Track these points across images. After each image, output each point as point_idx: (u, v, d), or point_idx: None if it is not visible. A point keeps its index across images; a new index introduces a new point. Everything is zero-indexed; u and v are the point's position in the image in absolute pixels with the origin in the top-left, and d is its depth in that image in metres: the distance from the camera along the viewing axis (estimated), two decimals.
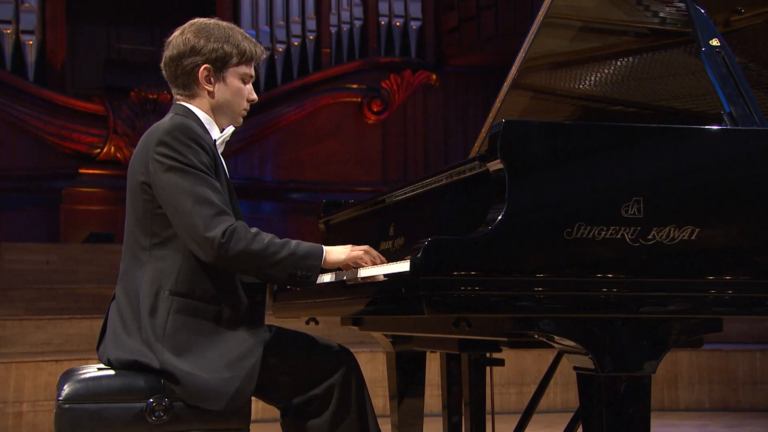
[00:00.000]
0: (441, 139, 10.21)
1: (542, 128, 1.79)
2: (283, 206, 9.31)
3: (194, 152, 1.90)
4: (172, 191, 1.87)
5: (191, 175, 1.87)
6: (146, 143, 1.96)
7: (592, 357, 1.81)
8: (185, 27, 2.06)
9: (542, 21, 2.46)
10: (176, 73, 2.04)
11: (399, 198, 2.33)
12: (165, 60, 2.05)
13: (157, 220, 1.93)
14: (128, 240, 2.00)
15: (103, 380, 1.91)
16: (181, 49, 2.02)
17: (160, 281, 1.92)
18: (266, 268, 1.89)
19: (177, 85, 2.06)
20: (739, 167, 1.86)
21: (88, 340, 5.61)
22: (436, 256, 1.69)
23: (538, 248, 1.73)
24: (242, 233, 1.86)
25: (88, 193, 8.69)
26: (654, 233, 1.76)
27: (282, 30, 9.67)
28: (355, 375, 2.12)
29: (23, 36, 8.81)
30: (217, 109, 2.06)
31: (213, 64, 2.02)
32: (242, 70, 2.06)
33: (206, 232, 1.83)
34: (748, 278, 1.81)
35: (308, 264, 1.93)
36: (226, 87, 2.05)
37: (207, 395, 1.88)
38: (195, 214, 1.84)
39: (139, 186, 1.94)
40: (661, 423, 4.92)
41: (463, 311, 1.75)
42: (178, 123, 1.94)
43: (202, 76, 2.03)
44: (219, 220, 1.85)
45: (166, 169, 1.88)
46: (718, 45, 2.11)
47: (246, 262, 1.87)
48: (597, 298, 1.75)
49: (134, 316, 1.93)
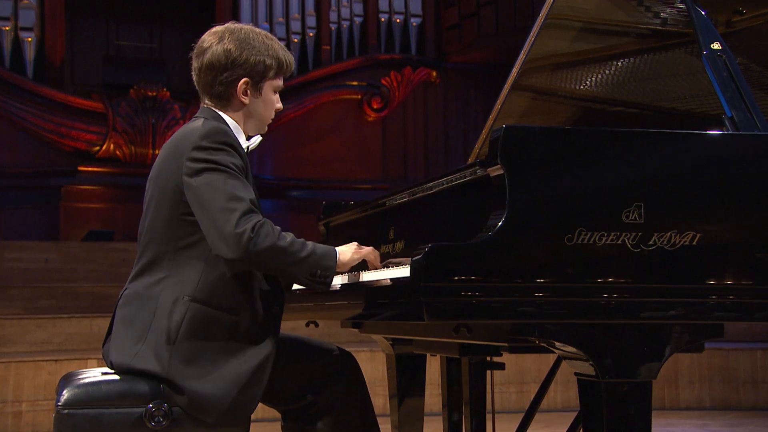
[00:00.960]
0: (441, 136, 10.18)
1: (543, 134, 1.79)
2: (283, 204, 9.30)
3: (227, 153, 1.90)
4: (203, 189, 1.86)
5: (223, 174, 1.87)
6: (180, 147, 1.94)
7: (593, 363, 1.80)
8: (224, 34, 2.03)
9: (543, 22, 2.45)
10: (213, 82, 2.02)
11: (399, 201, 2.33)
12: (201, 66, 2.02)
13: (183, 225, 1.92)
14: (149, 242, 1.98)
15: (102, 385, 1.90)
16: (222, 60, 1.99)
17: (180, 286, 1.91)
18: (290, 265, 1.87)
19: (211, 94, 2.04)
20: (740, 172, 1.85)
21: (87, 340, 5.60)
22: (437, 262, 1.68)
23: (539, 254, 1.73)
24: (269, 229, 1.85)
25: (87, 190, 8.67)
26: (655, 239, 1.75)
27: (281, 27, 9.64)
28: (357, 378, 2.13)
29: (22, 33, 8.78)
30: (248, 118, 2.07)
31: (252, 78, 2.02)
32: (277, 82, 2.07)
33: (236, 228, 1.81)
34: (750, 284, 1.81)
35: (327, 264, 1.92)
36: (261, 99, 2.06)
37: (209, 408, 1.87)
38: (225, 209, 1.83)
39: (171, 190, 1.93)
40: (662, 422, 4.91)
41: (463, 317, 1.75)
42: (214, 127, 1.94)
43: (240, 90, 2.02)
44: (248, 217, 1.83)
45: (199, 170, 1.88)
46: (719, 48, 2.10)
47: (272, 258, 1.85)
48: (598, 304, 1.75)
49: (144, 318, 1.92)
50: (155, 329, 1.89)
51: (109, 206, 8.63)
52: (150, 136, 8.73)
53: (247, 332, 1.94)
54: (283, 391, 2.03)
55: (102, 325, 5.62)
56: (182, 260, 1.93)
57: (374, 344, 4.84)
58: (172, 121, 8.86)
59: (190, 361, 1.87)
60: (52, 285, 6.51)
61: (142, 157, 8.78)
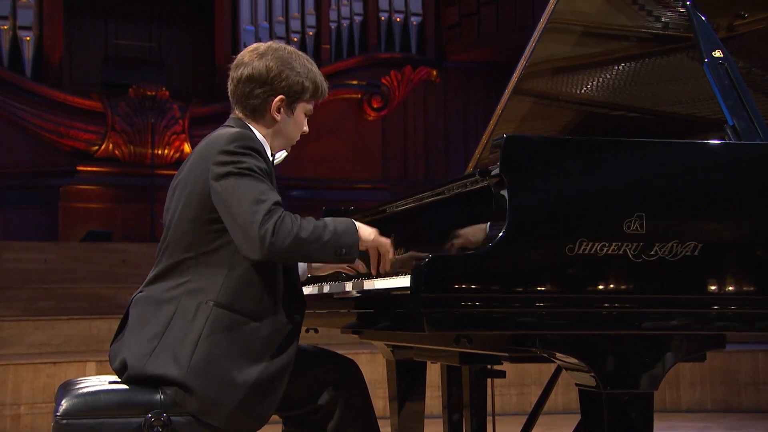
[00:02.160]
0: (441, 135, 10.16)
1: (544, 143, 1.79)
2: (283, 203, 9.25)
3: (253, 158, 1.92)
4: (229, 192, 1.88)
5: (248, 176, 1.89)
6: (207, 152, 1.97)
7: (594, 375, 1.80)
8: (266, 51, 2.06)
9: (545, 26, 2.43)
10: (249, 94, 2.04)
11: (400, 208, 2.33)
12: (240, 77, 2.04)
13: (208, 231, 1.94)
14: (170, 247, 1.99)
15: (101, 395, 1.90)
16: (263, 75, 2.02)
17: (203, 290, 1.92)
18: (315, 252, 1.90)
19: (244, 105, 2.06)
20: (742, 182, 1.85)
21: (86, 341, 5.59)
22: (437, 273, 1.68)
23: (540, 264, 1.72)
24: (289, 225, 1.86)
25: (86, 190, 8.64)
26: (656, 249, 1.75)
27: (281, 26, 9.62)
28: (359, 385, 2.13)
29: (20, 32, 8.76)
30: (276, 134, 2.08)
31: (288, 96, 2.05)
32: (309, 106, 2.11)
33: (259, 229, 1.83)
34: (752, 294, 1.81)
35: (350, 241, 1.93)
36: (293, 119, 2.09)
37: (223, 414, 1.87)
38: (249, 213, 1.85)
39: (197, 195, 1.95)
40: (664, 425, 4.90)
41: (464, 328, 1.74)
42: (241, 133, 1.97)
43: (275, 106, 2.04)
44: (269, 216, 1.85)
45: (225, 174, 1.90)
46: (721, 56, 2.10)
47: (296, 251, 1.87)
48: (599, 315, 1.74)
49: (162, 320, 1.93)
50: (174, 331, 1.90)
51: (108, 206, 8.60)
52: (149, 135, 8.70)
53: (269, 339, 1.94)
54: (285, 397, 2.03)
55: (101, 326, 5.61)
56: (205, 266, 1.94)
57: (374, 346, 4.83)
58: (171, 121, 8.84)
59: (210, 364, 1.87)
60: (50, 286, 6.50)
61: (141, 156, 8.76)
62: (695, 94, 2.44)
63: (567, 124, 2.81)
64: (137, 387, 1.90)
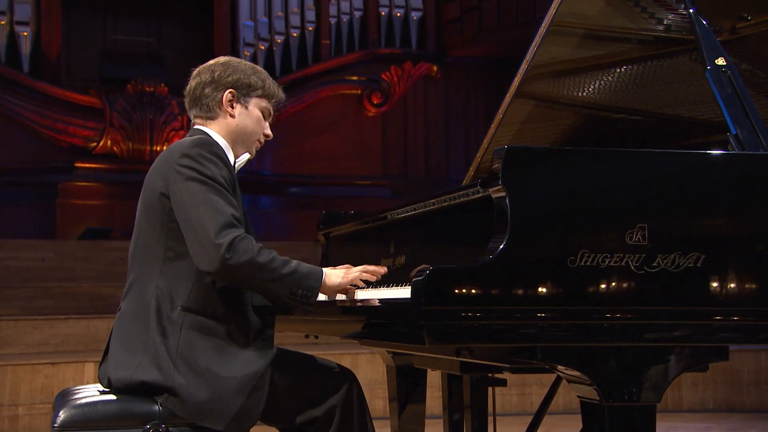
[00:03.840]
0: (442, 131, 10.12)
1: (545, 154, 1.78)
2: (282, 200, 9.24)
3: (216, 165, 1.94)
4: (188, 199, 1.90)
5: (209, 187, 1.91)
6: (167, 157, 1.99)
7: (596, 388, 1.79)
8: (212, 61, 2.15)
9: (547, 29, 2.41)
10: (200, 96, 2.09)
11: (401, 216, 2.33)
12: (189, 88, 2.12)
13: (172, 235, 1.94)
14: (139, 253, 2.01)
15: (99, 405, 1.91)
16: (209, 77, 2.09)
17: (172, 296, 1.94)
18: (268, 282, 1.89)
19: (199, 107, 2.10)
20: (745, 192, 1.84)
21: (84, 341, 5.58)
22: (438, 285, 1.67)
23: (541, 276, 1.71)
24: (250, 245, 1.87)
25: (84, 187, 8.60)
26: (659, 260, 1.74)
27: (281, 21, 9.56)
28: (357, 396, 2.13)
29: (18, 27, 8.71)
30: (236, 134, 2.10)
31: (238, 90, 2.09)
32: (264, 103, 2.13)
33: (216, 238, 1.84)
34: (754, 305, 1.80)
35: (309, 284, 1.94)
36: (248, 113, 2.11)
37: (214, 414, 1.89)
38: (208, 220, 1.86)
39: (158, 198, 1.96)
40: (666, 425, 4.88)
41: (465, 341, 1.74)
42: (202, 139, 2.00)
43: (226, 99, 2.08)
44: (230, 231, 1.86)
45: (186, 178, 1.92)
46: (724, 64, 2.08)
47: (250, 273, 1.87)
48: (601, 327, 1.74)
49: (141, 331, 1.94)
50: (153, 342, 1.91)
51: (106, 203, 8.56)
52: (147, 132, 8.66)
53: (243, 340, 1.96)
54: (282, 409, 2.03)
55: (99, 326, 5.61)
56: (172, 272, 1.95)
57: None
58: (170, 117, 8.79)
59: (193, 369, 1.89)
60: (48, 285, 6.48)
61: (140, 153, 8.72)
62: (697, 97, 2.43)
63: (568, 127, 2.80)
64: (134, 398, 1.91)
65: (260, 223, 8.39)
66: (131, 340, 1.94)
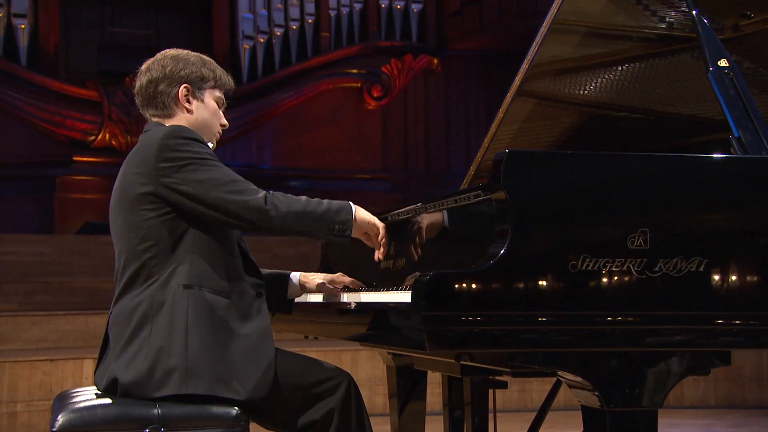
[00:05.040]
0: (442, 124, 10.08)
1: (546, 158, 1.78)
2: None
3: (199, 145, 1.98)
4: (195, 182, 1.93)
5: (207, 165, 1.95)
6: (142, 156, 1.98)
7: (598, 394, 1.78)
8: (160, 56, 2.13)
9: (549, 27, 2.39)
10: (154, 94, 2.08)
11: (402, 218, 2.32)
12: (140, 86, 2.10)
13: (165, 227, 1.96)
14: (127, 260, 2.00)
15: (97, 409, 1.91)
16: (159, 73, 2.08)
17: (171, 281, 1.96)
18: (310, 223, 1.99)
19: (154, 106, 2.10)
20: (747, 196, 1.83)
21: (83, 337, 5.57)
22: (439, 291, 1.67)
23: (542, 281, 1.71)
24: (279, 197, 1.97)
25: (82, 181, 8.56)
26: (661, 265, 1.74)
27: (280, 13, 9.50)
28: (355, 398, 2.13)
29: (15, 20, 8.65)
30: (196, 129, 2.09)
31: (192, 84, 2.10)
32: (217, 93, 2.15)
33: (250, 203, 1.92)
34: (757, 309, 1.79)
35: (343, 218, 2.02)
36: (205, 106, 2.12)
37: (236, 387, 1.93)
38: (233, 190, 1.93)
39: (137, 198, 1.96)
40: (666, 422, 4.87)
41: (465, 347, 1.74)
42: (175, 126, 2.01)
43: (182, 95, 2.09)
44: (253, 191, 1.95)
45: (180, 166, 1.94)
46: (726, 66, 2.07)
47: (293, 220, 1.96)
48: (603, 332, 1.74)
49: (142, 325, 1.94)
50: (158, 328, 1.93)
51: (104, 197, 8.43)
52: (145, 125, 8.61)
53: (244, 312, 2.01)
54: (280, 412, 2.03)
55: (98, 322, 5.59)
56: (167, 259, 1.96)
57: None
58: None
59: (206, 346, 1.92)
60: (47, 280, 6.46)
61: None
62: (700, 95, 2.43)
63: (570, 126, 2.80)
64: (133, 401, 1.92)
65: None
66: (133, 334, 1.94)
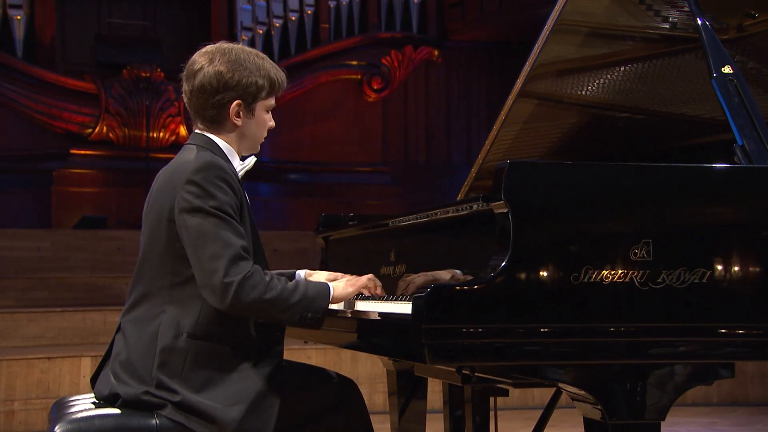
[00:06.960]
0: (443, 117, 10.01)
1: (548, 169, 1.76)
2: (280, 187, 9.15)
3: (223, 192, 1.91)
4: (195, 234, 1.88)
5: (216, 218, 1.88)
6: (173, 180, 1.95)
7: (600, 407, 1.77)
8: (214, 55, 2.03)
9: (552, 28, 2.35)
10: (205, 105, 2.02)
11: (402, 224, 2.32)
12: (192, 89, 2.02)
13: (180, 260, 1.93)
14: (144, 274, 1.99)
15: (95, 420, 1.91)
16: (213, 83, 2.00)
17: (179, 323, 1.93)
18: (278, 313, 1.90)
19: (203, 117, 2.04)
20: (751, 206, 1.81)
21: (81, 334, 5.54)
22: (439, 304, 1.66)
23: (544, 293, 1.70)
24: (257, 280, 1.86)
25: (80, 174, 8.50)
26: (664, 276, 1.72)
27: (279, 4, 9.40)
28: (358, 406, 2.13)
29: (11, 11, 8.57)
30: (241, 140, 2.07)
31: (245, 99, 2.02)
32: (269, 102, 2.08)
33: (224, 278, 1.84)
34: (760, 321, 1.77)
35: (318, 306, 1.93)
36: (254, 120, 2.06)
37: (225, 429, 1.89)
38: (214, 258, 1.85)
39: (165, 223, 1.95)
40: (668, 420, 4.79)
41: (466, 359, 1.72)
42: (208, 161, 1.94)
43: (233, 112, 2.02)
44: (237, 266, 1.85)
45: (192, 209, 1.89)
46: (730, 72, 2.04)
47: (259, 309, 1.88)
48: (605, 344, 1.73)
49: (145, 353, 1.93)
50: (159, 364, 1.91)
51: (102, 191, 8.47)
52: (144, 118, 8.54)
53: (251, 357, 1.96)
54: (282, 420, 2.01)
55: (96, 318, 5.56)
56: (179, 295, 1.94)
57: None
58: (167, 103, 8.67)
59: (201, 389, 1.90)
60: (44, 275, 6.41)
61: (136, 140, 8.61)
62: (703, 95, 2.40)
63: (572, 127, 2.78)
64: (131, 412, 1.91)
65: (259, 210, 8.30)
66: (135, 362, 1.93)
